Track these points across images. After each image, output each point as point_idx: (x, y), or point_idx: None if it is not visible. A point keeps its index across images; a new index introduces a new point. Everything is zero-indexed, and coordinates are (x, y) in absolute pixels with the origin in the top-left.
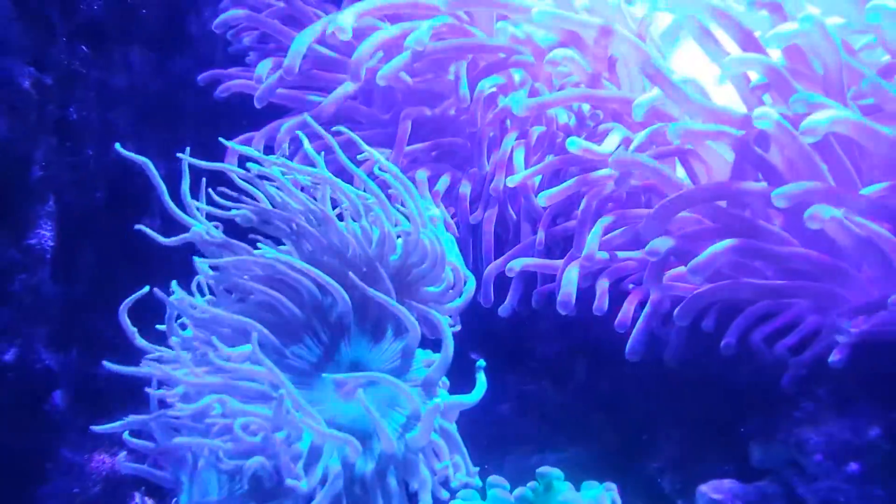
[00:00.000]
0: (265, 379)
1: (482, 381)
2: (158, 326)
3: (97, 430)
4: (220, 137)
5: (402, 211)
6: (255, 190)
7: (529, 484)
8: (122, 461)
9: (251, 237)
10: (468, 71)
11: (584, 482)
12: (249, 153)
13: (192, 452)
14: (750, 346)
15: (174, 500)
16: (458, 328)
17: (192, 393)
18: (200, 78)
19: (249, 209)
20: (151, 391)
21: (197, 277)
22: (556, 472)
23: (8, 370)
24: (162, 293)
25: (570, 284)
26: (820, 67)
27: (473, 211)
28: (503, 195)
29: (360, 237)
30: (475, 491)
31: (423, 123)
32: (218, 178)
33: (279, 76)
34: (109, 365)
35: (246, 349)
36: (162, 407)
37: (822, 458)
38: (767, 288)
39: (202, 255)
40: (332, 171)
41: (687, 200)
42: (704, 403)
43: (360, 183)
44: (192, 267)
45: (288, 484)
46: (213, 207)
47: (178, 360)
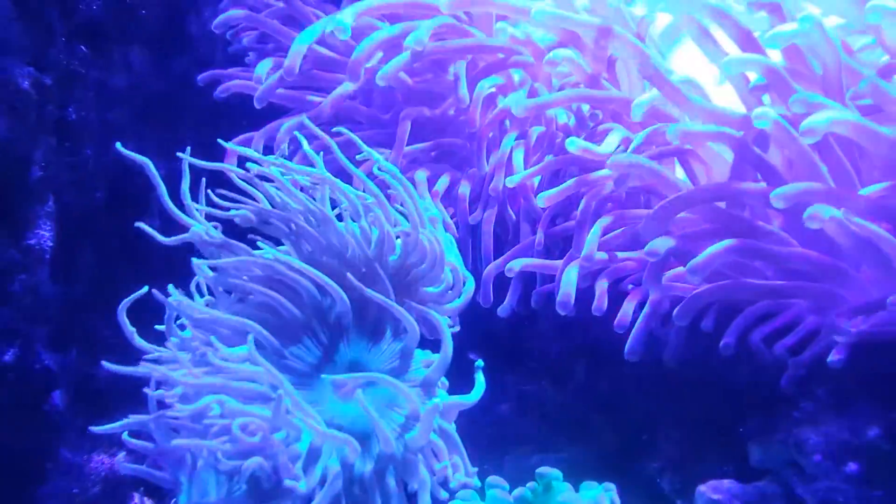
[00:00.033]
0: (264, 379)
1: (481, 381)
2: (158, 327)
3: (96, 430)
4: (220, 137)
5: (401, 211)
6: (254, 190)
7: (529, 484)
8: (120, 462)
9: (250, 237)
10: (467, 71)
11: (583, 483)
12: (248, 154)
13: (190, 453)
14: (749, 346)
15: (173, 500)
16: (456, 329)
17: (190, 394)
18: (200, 78)
19: (249, 209)
20: (150, 392)
21: (196, 278)
22: (555, 472)
23: (7, 370)
24: (160, 294)
25: (569, 285)
26: (819, 68)
27: (473, 211)
28: (502, 195)
29: (359, 237)
30: (474, 491)
31: (422, 124)
32: (217, 178)
33: (279, 76)
34: (108, 365)
35: (245, 350)
36: (161, 407)
37: (821, 458)
38: (767, 288)
39: (201, 255)
40: (331, 171)
41: (686, 201)
42: (704, 404)
43: (359, 183)
44: (192, 267)
45: (286, 485)
46: (211, 208)
47: (176, 360)
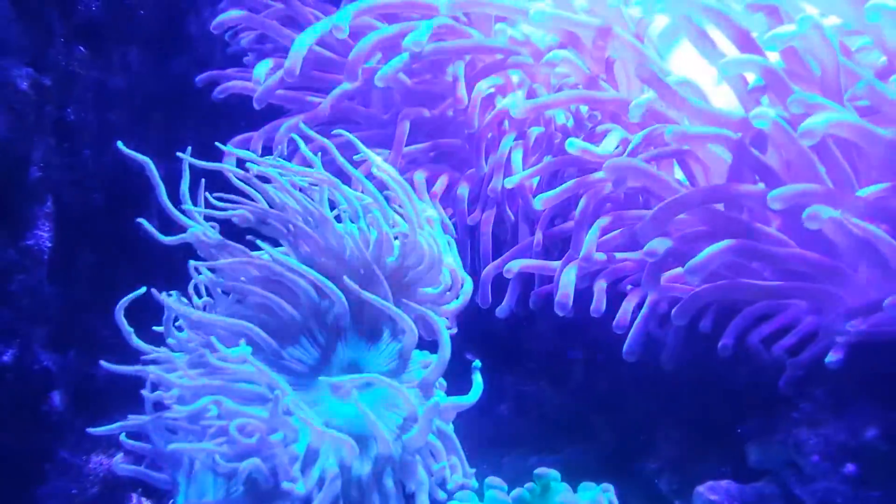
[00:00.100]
0: (262, 380)
1: (479, 381)
2: (156, 328)
3: (94, 432)
4: (218, 138)
5: (399, 212)
6: (252, 191)
7: (527, 485)
8: (118, 463)
9: (249, 238)
10: (466, 72)
11: (581, 483)
12: (246, 156)
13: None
14: (747, 347)
15: (171, 501)
16: (454, 330)
17: (187, 395)
18: (198, 79)
19: (247, 209)
20: (147, 393)
21: (195, 279)
22: (553, 473)
23: (6, 371)
24: (159, 295)
25: (567, 285)
26: (817, 69)
27: (471, 212)
28: (501, 196)
29: (357, 239)
30: (472, 492)
31: (421, 124)
32: (216, 179)
33: (280, 78)
34: (107, 365)
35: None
36: (159, 408)
37: (819, 458)
38: (765, 289)
39: (199, 256)
40: (330, 172)
41: (684, 203)
42: (702, 404)
43: (357, 184)
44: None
45: (284, 486)
46: (210, 209)
47: (173, 361)
